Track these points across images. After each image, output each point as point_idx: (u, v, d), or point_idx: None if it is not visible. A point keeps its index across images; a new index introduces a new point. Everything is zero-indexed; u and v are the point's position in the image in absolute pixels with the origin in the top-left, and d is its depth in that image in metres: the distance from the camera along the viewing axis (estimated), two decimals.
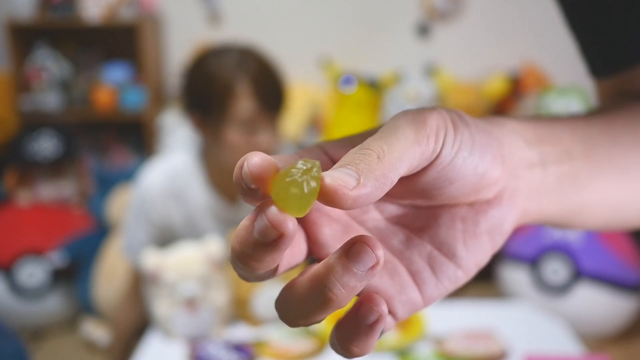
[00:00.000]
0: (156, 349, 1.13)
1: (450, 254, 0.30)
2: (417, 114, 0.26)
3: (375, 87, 2.65)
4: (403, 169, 0.25)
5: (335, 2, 2.85)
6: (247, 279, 0.25)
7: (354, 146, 0.26)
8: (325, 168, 0.24)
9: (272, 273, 0.26)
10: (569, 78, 2.71)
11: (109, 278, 2.12)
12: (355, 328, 0.25)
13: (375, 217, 0.31)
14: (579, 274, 2.08)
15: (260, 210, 0.23)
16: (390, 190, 0.24)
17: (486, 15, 2.85)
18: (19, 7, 2.75)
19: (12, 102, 2.75)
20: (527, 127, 0.33)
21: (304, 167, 0.23)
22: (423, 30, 2.86)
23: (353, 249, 0.24)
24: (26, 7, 2.75)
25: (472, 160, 0.27)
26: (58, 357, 2.12)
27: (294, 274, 0.27)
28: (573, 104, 2.48)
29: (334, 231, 0.29)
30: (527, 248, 2.18)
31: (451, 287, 0.30)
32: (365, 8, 2.84)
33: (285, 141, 1.50)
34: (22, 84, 2.76)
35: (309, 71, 2.81)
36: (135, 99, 2.77)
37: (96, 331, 2.15)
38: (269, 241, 0.23)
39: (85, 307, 2.24)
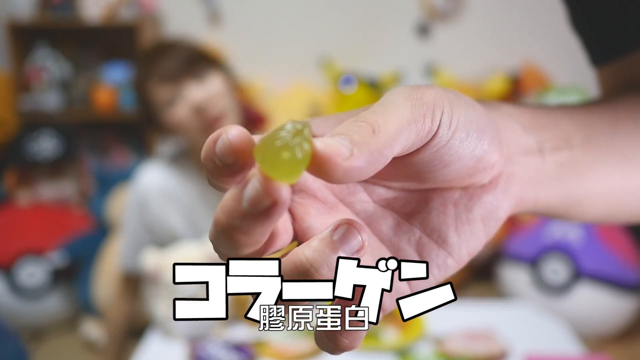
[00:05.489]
0: (156, 349, 1.13)
1: (440, 241, 0.28)
2: (414, 90, 0.25)
3: (375, 87, 2.65)
4: (397, 148, 0.23)
5: (335, 2, 2.85)
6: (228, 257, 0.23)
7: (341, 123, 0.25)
8: None
9: (258, 253, 0.24)
10: (569, 78, 2.71)
11: (109, 278, 2.12)
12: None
13: (364, 199, 0.29)
14: (579, 274, 2.08)
15: (250, 177, 0.21)
16: (380, 170, 0.23)
17: (486, 15, 2.85)
18: (19, 7, 2.75)
19: (12, 102, 2.74)
20: (524, 112, 0.32)
21: (294, 129, 0.21)
22: (423, 30, 2.86)
23: (339, 231, 0.23)
24: (26, 7, 2.75)
25: (469, 143, 0.26)
26: (58, 357, 2.12)
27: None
28: None
29: (319, 213, 0.27)
30: (527, 248, 2.18)
31: (441, 276, 0.28)
32: (365, 8, 2.83)
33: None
34: (22, 84, 2.76)
35: (309, 71, 2.81)
36: (135, 99, 2.77)
37: (96, 331, 2.15)
38: (260, 210, 0.21)
39: (85, 307, 2.23)
